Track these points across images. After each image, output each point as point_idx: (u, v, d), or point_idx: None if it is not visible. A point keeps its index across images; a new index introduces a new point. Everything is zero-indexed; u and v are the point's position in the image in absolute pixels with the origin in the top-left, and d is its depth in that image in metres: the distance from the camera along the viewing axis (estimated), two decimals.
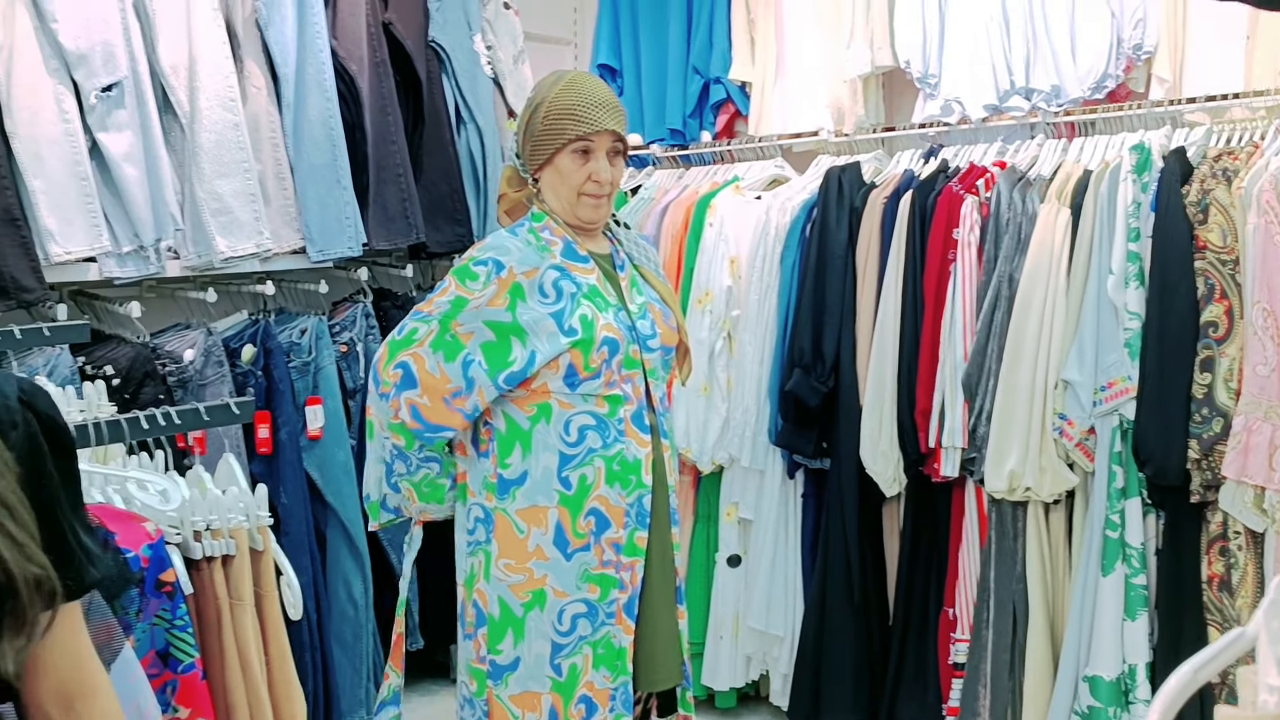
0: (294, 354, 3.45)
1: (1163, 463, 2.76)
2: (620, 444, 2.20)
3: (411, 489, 2.27)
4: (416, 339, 2.16)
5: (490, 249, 2.22)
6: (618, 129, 2.24)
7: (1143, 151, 2.91)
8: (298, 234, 3.45)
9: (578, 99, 2.21)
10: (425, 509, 2.32)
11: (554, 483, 2.18)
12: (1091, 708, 2.86)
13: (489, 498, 2.22)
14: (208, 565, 1.47)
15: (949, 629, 3.21)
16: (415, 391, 2.14)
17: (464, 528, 2.29)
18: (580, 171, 2.22)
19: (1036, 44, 3.28)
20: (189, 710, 1.38)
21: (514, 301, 2.16)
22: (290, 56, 3.40)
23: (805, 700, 3.37)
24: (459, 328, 2.15)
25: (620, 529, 2.20)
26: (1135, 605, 2.84)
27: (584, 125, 2.19)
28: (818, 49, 3.73)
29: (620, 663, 2.22)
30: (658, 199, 3.88)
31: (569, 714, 2.20)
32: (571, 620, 2.20)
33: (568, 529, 2.18)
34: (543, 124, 2.23)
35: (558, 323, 2.15)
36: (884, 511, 3.39)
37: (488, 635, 2.22)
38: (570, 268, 2.22)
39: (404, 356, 2.15)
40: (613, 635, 2.22)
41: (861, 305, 3.30)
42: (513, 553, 2.19)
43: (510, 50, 4.01)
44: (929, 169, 3.34)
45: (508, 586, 2.20)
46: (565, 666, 2.20)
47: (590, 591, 2.20)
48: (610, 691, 2.22)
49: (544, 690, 2.20)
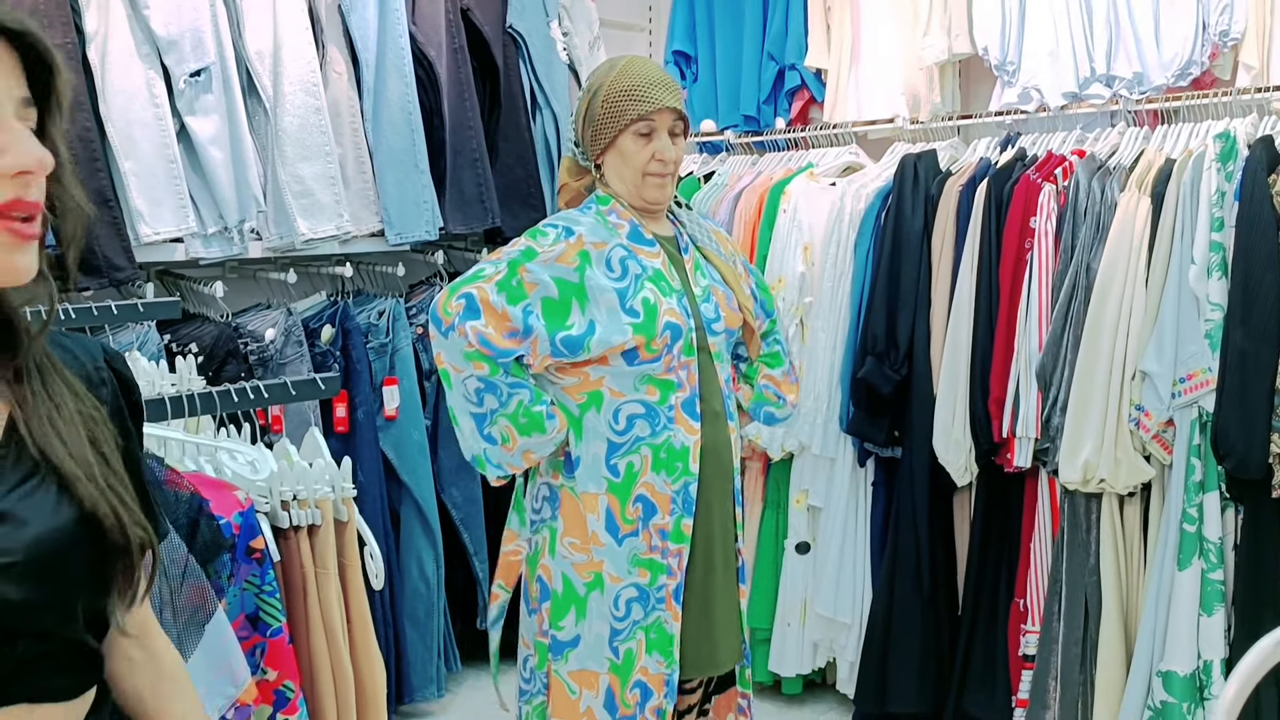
0: (371, 335, 3.52)
1: (1243, 456, 2.71)
2: (668, 431, 2.19)
3: (510, 425, 2.14)
4: (483, 276, 2.14)
5: (560, 218, 2.25)
6: (677, 106, 2.24)
7: (1228, 139, 2.86)
8: (376, 217, 3.52)
9: (635, 80, 2.22)
10: (529, 448, 2.18)
11: (602, 469, 2.19)
12: (1165, 703, 2.82)
13: (555, 476, 2.25)
14: (294, 534, 1.51)
15: (1019, 620, 3.19)
16: (480, 321, 2.10)
17: (530, 506, 2.32)
18: (644, 152, 2.22)
19: (1119, 30, 3.23)
20: (277, 672, 1.43)
21: (583, 265, 2.16)
22: (371, 42, 3.46)
23: (871, 688, 3.37)
24: (525, 274, 2.13)
25: (666, 515, 2.20)
26: (1212, 600, 2.80)
27: (644, 104, 2.20)
28: (894, 36, 3.70)
29: (670, 649, 2.22)
30: (731, 185, 3.88)
31: (625, 697, 2.21)
32: (626, 605, 2.21)
33: (617, 515, 2.20)
34: (603, 108, 2.24)
35: (620, 299, 2.15)
36: (955, 501, 3.37)
37: (551, 610, 2.24)
38: (636, 250, 2.22)
39: (468, 289, 2.13)
40: (663, 621, 2.22)
41: (936, 293, 3.28)
42: (576, 532, 2.22)
43: (586, 36, 4.04)
44: (1006, 157, 3.31)
45: (571, 565, 2.22)
46: (622, 650, 2.21)
47: (641, 576, 2.20)
48: (665, 677, 2.23)
49: (602, 670, 2.22)
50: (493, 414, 2.15)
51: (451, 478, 3.70)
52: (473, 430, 2.17)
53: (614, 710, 2.22)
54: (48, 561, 0.96)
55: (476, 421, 2.16)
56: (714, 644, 2.28)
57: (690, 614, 2.25)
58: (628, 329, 2.14)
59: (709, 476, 2.24)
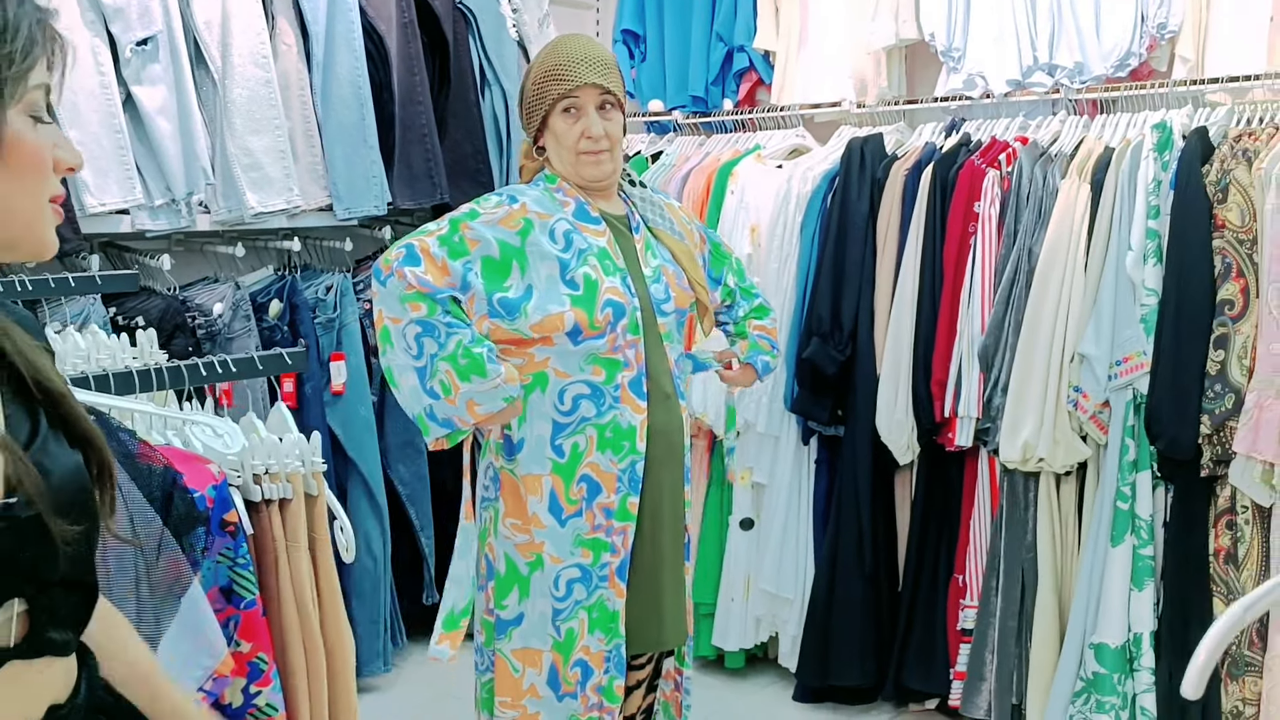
0: (319, 310, 3.50)
1: (1175, 437, 2.82)
2: (615, 410, 2.21)
3: (450, 368, 2.10)
4: (425, 232, 2.15)
5: (506, 189, 2.27)
6: (600, 81, 2.22)
7: (1164, 130, 2.95)
8: (324, 191, 3.50)
9: (559, 59, 2.23)
10: (471, 395, 2.11)
11: (547, 450, 2.21)
12: (1097, 674, 2.93)
13: (497, 458, 2.27)
14: (266, 508, 1.52)
15: (958, 595, 3.28)
16: (420, 267, 2.10)
17: (481, 482, 2.34)
18: (572, 130, 2.22)
19: (1061, 20, 3.30)
20: (251, 644, 1.44)
21: (526, 229, 2.17)
22: (321, 15, 3.44)
23: (814, 662, 3.44)
24: (467, 230, 2.14)
25: (612, 494, 2.22)
26: (1142, 575, 2.91)
27: (565, 83, 2.20)
28: (842, 20, 3.75)
29: (614, 626, 2.25)
30: (679, 165, 3.91)
31: (566, 674, 2.24)
32: (567, 585, 2.23)
33: (561, 496, 2.22)
34: (532, 89, 2.26)
35: (561, 269, 2.16)
36: (896, 479, 3.45)
37: (495, 589, 2.27)
38: (581, 228, 2.23)
39: (408, 240, 2.14)
40: (606, 599, 2.24)
41: (881, 276, 3.35)
42: (517, 513, 2.24)
43: (535, 14, 4.04)
44: (951, 142, 3.38)
45: (514, 545, 2.25)
46: (564, 629, 2.24)
47: (583, 556, 2.22)
48: (605, 654, 2.25)
49: (545, 648, 2.24)
50: (432, 360, 2.10)
51: (398, 454, 3.71)
52: (414, 387, 2.13)
53: (557, 687, 2.25)
54: (74, 502, 0.98)
55: (419, 376, 2.12)
56: (661, 620, 2.32)
57: (637, 592, 2.28)
58: (565, 299, 2.15)
59: (658, 457, 2.26)
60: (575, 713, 2.25)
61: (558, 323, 2.15)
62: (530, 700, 2.25)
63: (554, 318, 2.15)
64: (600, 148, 2.23)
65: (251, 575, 1.45)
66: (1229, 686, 2.82)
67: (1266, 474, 2.70)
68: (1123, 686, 2.92)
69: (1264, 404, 2.68)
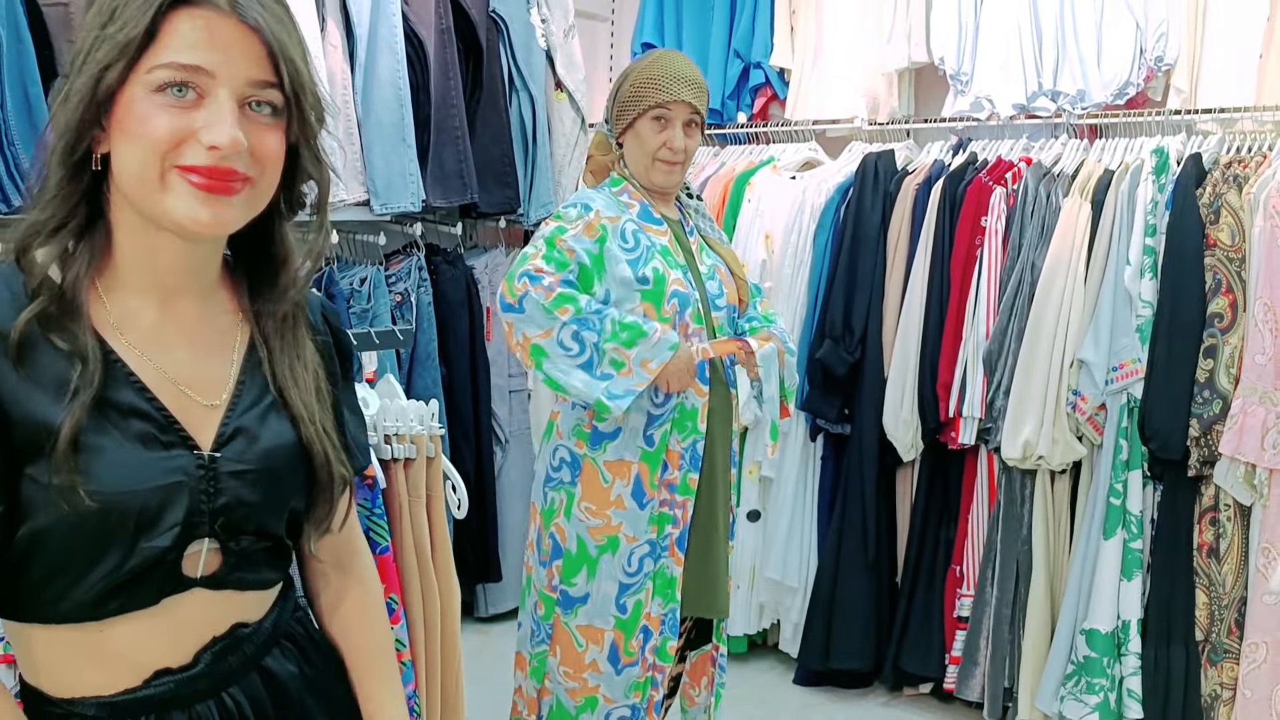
0: (354, 300, 3.65)
1: (1166, 438, 3.04)
2: (684, 395, 2.42)
3: (616, 345, 2.27)
4: (527, 259, 2.34)
5: (575, 198, 2.46)
6: (694, 101, 2.45)
7: (1162, 155, 3.18)
8: (362, 187, 3.65)
9: (661, 71, 2.45)
10: (644, 356, 2.28)
11: (639, 440, 2.40)
12: (1087, 658, 3.14)
13: (579, 444, 2.43)
14: (393, 465, 1.69)
15: (955, 585, 3.48)
16: (545, 281, 2.28)
17: (546, 463, 2.50)
18: (657, 138, 2.44)
19: (1065, 49, 3.53)
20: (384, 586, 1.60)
21: (603, 238, 2.37)
22: (365, 18, 3.59)
23: (816, 646, 3.64)
24: (562, 244, 2.34)
25: (675, 470, 2.42)
26: (1132, 567, 3.13)
27: (663, 94, 2.42)
28: (856, 41, 3.96)
29: (671, 591, 2.44)
30: (695, 174, 4.10)
31: (629, 647, 2.42)
32: (639, 561, 2.41)
33: (645, 481, 2.40)
34: (629, 90, 2.46)
35: (632, 269, 2.36)
36: (898, 475, 3.66)
37: (562, 568, 2.43)
38: (645, 228, 2.44)
39: (520, 270, 2.31)
40: (667, 567, 2.44)
41: (891, 284, 3.56)
42: (595, 498, 2.41)
43: (562, 24, 4.21)
44: (958, 160, 3.60)
45: (587, 529, 2.41)
46: (630, 604, 2.42)
47: (652, 532, 2.42)
48: (662, 618, 2.45)
49: (608, 628, 2.42)
50: (596, 349, 2.28)
51: None
52: (585, 381, 2.30)
53: (617, 662, 2.43)
54: (272, 473, 1.15)
55: (586, 369, 2.29)
56: (714, 587, 2.50)
57: (693, 560, 2.47)
58: (637, 296, 2.35)
59: (715, 437, 2.46)
60: (634, 679, 2.43)
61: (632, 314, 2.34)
62: (591, 674, 2.42)
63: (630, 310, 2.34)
64: (677, 159, 2.45)
65: (385, 524, 1.61)
66: (1208, 671, 3.05)
67: (1249, 475, 2.93)
68: (1111, 670, 3.14)
69: (1248, 409, 2.91)
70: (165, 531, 1.06)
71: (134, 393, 1.06)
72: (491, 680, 3.17)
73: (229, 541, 1.13)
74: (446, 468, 1.79)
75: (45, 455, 1.01)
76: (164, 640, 1.11)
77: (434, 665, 1.72)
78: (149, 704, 1.10)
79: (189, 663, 1.12)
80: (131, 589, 1.07)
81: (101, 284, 1.09)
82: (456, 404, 3.91)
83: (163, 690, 1.10)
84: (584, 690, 2.43)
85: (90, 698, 1.08)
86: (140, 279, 1.10)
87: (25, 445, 1.01)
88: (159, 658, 1.10)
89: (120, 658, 1.09)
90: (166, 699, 1.10)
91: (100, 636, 1.07)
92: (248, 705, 1.16)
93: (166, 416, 1.08)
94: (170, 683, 1.11)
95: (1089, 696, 3.13)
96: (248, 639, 1.18)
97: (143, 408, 1.07)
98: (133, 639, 1.09)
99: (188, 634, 1.13)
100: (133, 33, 1.01)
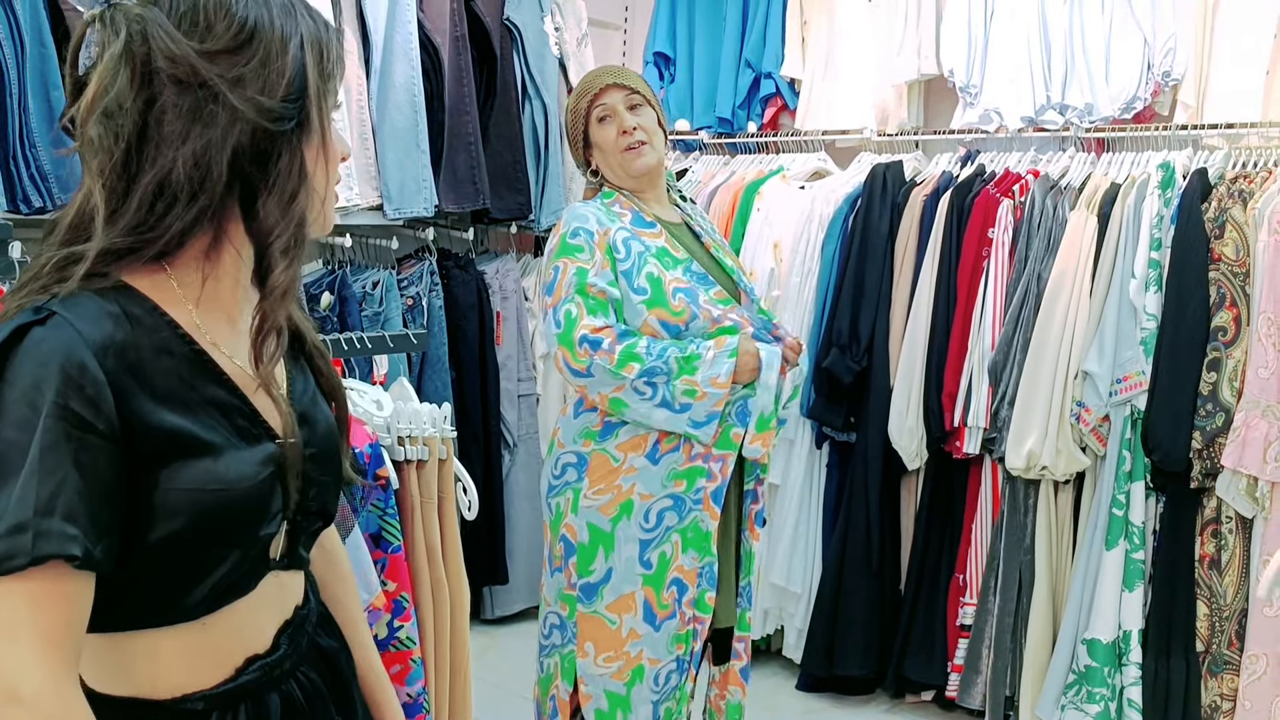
0: (366, 304, 3.70)
1: (1169, 450, 3.07)
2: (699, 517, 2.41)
3: (686, 378, 2.31)
4: (573, 318, 2.34)
5: (572, 220, 2.44)
6: (621, 82, 2.49)
7: (1168, 169, 3.21)
8: (376, 192, 3.70)
9: (582, 84, 2.54)
10: (712, 376, 2.32)
11: None
12: (1089, 667, 3.17)
13: (586, 444, 2.42)
14: (406, 466, 1.73)
15: (958, 594, 3.51)
16: (604, 344, 2.31)
17: (549, 475, 2.48)
18: (610, 131, 2.48)
19: (1074, 63, 3.56)
20: (395, 584, 1.65)
21: (612, 264, 2.39)
22: (381, 25, 3.64)
23: (820, 652, 3.66)
24: (593, 290, 2.35)
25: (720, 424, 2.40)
26: (1133, 577, 3.16)
27: (590, 92, 2.49)
28: (867, 53, 4.00)
29: (706, 544, 2.42)
30: (705, 182, 4.14)
31: (661, 599, 2.40)
32: (658, 515, 2.40)
33: (661, 443, 2.39)
34: (570, 118, 2.55)
35: (628, 280, 2.38)
36: (903, 484, 3.68)
37: (577, 562, 2.43)
38: (638, 233, 2.45)
39: (574, 335, 2.32)
40: (699, 520, 2.41)
41: (898, 293, 3.59)
42: (602, 479, 2.40)
43: (575, 33, 4.26)
44: (966, 172, 3.63)
45: (596, 509, 2.40)
46: (655, 558, 2.40)
47: (676, 486, 2.40)
48: (698, 570, 2.42)
49: (636, 588, 2.40)
50: (668, 387, 2.31)
51: None
52: (667, 417, 2.34)
53: (653, 619, 2.40)
54: (331, 452, 1.22)
55: (665, 408, 2.33)
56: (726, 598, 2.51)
57: (728, 512, 2.47)
58: (641, 308, 2.37)
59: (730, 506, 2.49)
60: (675, 631, 2.42)
61: (651, 330, 2.37)
62: (631, 644, 2.41)
63: (644, 327, 2.37)
64: (638, 139, 2.46)
65: (397, 524, 1.65)
66: (1209, 683, 3.07)
67: (1250, 487, 2.96)
68: (1112, 679, 3.16)
69: (1251, 423, 2.93)
70: (273, 518, 1.12)
71: (226, 390, 1.10)
72: (497, 680, 3.21)
73: (302, 521, 1.18)
74: (458, 470, 1.83)
75: (175, 460, 1.03)
76: (254, 627, 1.15)
77: (444, 662, 1.75)
78: (246, 691, 1.13)
79: (271, 647, 1.16)
80: (245, 578, 1.12)
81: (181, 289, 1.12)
82: (466, 407, 3.94)
83: (256, 676, 1.14)
84: (628, 665, 2.41)
85: (195, 693, 1.11)
86: (216, 286, 1.14)
87: (150, 455, 1.02)
88: (251, 644, 1.15)
89: (220, 648, 1.12)
90: (261, 684, 1.14)
91: (205, 629, 1.11)
92: (320, 681, 1.21)
93: (252, 409, 1.12)
94: (261, 667, 1.15)
95: (1089, 706, 3.16)
96: (307, 619, 1.23)
97: (234, 403, 1.11)
98: (231, 628, 1.13)
99: (270, 618, 1.17)
100: None
